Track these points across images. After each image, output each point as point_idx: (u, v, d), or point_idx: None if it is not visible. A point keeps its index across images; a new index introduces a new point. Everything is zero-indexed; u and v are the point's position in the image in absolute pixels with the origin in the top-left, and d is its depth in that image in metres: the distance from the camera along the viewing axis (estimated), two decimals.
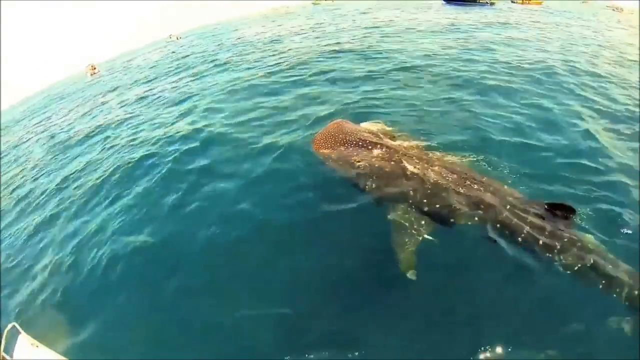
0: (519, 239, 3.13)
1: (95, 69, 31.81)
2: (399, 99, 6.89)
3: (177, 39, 39.77)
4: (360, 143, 4.28)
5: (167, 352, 3.03)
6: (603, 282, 2.81)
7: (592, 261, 2.88)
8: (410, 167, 3.81)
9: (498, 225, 3.24)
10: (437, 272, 3.20)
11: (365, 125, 4.99)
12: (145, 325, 3.34)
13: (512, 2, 35.74)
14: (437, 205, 3.45)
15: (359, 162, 4.04)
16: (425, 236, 3.24)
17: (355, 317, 2.96)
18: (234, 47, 18.14)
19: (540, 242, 3.06)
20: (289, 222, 4.05)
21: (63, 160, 8.49)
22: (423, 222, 3.36)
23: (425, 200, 3.50)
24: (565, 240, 3.03)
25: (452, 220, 3.39)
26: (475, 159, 4.43)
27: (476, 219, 3.32)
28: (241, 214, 4.32)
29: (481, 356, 2.55)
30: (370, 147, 4.19)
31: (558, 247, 3.00)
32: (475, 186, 3.57)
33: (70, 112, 14.92)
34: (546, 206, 3.29)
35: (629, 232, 3.42)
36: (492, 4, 31.48)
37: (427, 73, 8.41)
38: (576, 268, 2.90)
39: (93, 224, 5.01)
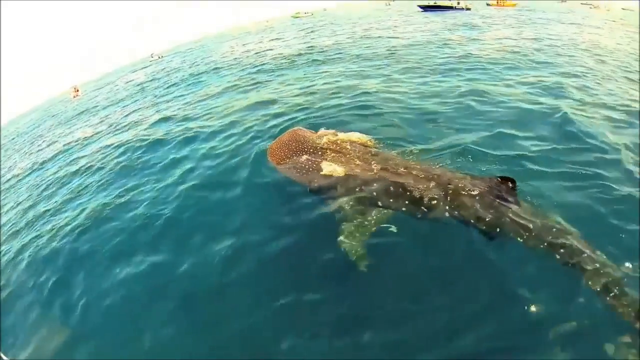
0: (468, 218, 3.23)
1: (77, 90, 32.02)
2: (353, 105, 7.23)
3: (159, 57, 40.33)
4: (312, 150, 4.52)
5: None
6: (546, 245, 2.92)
7: (538, 228, 3.02)
8: (357, 170, 4.06)
9: (449, 208, 3.36)
10: (390, 260, 3.28)
11: (319, 132, 5.16)
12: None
13: (487, 5, 37.40)
14: (385, 197, 3.62)
15: (311, 167, 4.28)
16: (379, 226, 3.36)
17: (311, 313, 3.02)
18: (214, 63, 18.67)
19: (487, 218, 3.19)
20: (238, 228, 4.14)
21: (41, 182, 8.68)
22: (374, 215, 3.50)
23: (374, 194, 3.69)
24: (510, 212, 3.18)
25: (402, 209, 3.52)
26: (419, 151, 4.73)
27: (422, 208, 3.44)
28: (203, 220, 4.52)
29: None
30: (321, 153, 4.46)
31: (506, 220, 3.13)
32: (421, 175, 3.76)
33: (55, 134, 15.19)
34: (490, 181, 3.45)
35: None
36: (467, 9, 32.12)
37: (386, 78, 9.00)
38: (522, 239, 3.01)
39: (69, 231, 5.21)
